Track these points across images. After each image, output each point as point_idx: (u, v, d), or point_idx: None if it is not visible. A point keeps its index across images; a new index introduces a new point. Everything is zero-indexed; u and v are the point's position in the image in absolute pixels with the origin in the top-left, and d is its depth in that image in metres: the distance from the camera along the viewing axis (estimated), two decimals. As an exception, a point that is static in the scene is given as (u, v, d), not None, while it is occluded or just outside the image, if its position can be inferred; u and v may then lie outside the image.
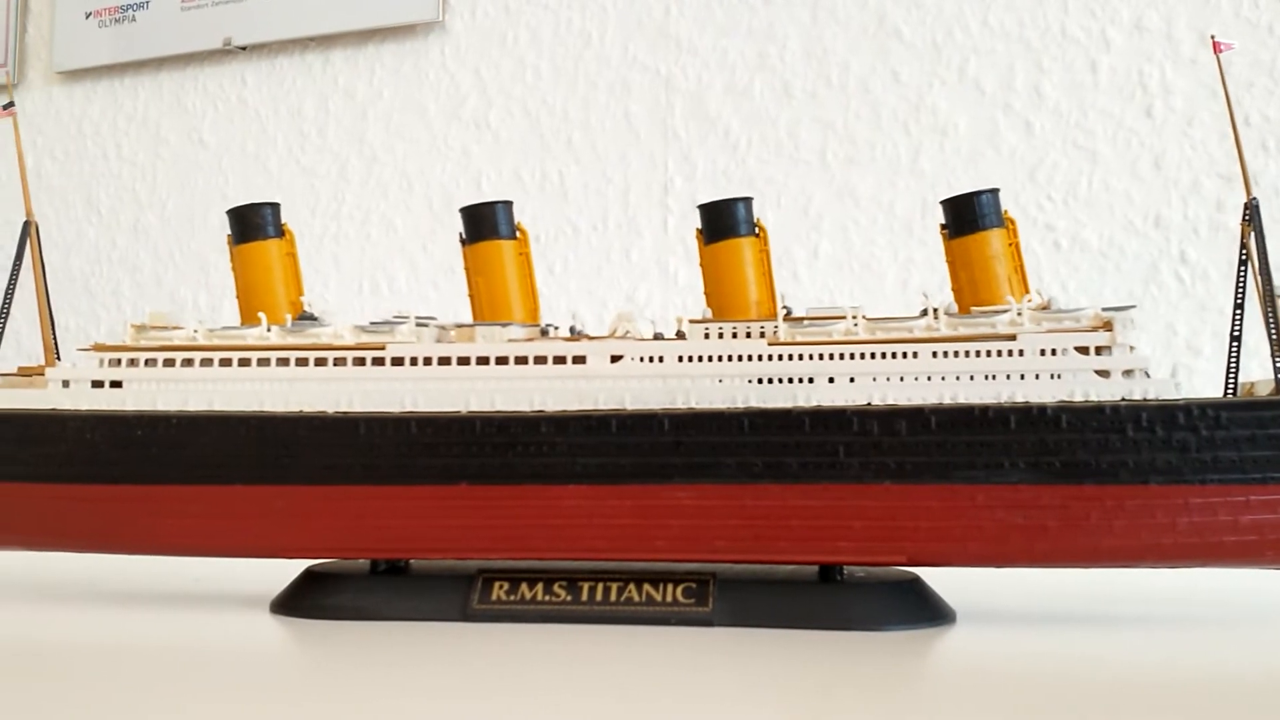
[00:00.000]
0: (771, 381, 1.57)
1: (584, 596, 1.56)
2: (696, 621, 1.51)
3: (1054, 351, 1.52)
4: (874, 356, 1.56)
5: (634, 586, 1.56)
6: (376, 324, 1.72)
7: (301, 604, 1.62)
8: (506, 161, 2.90)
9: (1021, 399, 1.50)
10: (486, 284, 1.77)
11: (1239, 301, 1.53)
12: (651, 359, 1.61)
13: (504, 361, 1.63)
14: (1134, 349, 1.52)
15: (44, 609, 1.70)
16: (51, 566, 1.86)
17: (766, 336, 1.61)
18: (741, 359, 1.58)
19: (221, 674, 1.33)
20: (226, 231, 1.83)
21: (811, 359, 1.57)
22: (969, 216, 1.64)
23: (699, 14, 2.77)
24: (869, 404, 1.53)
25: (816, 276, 2.59)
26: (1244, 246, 1.54)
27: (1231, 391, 1.51)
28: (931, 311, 1.59)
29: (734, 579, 1.56)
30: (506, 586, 1.58)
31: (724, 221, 1.72)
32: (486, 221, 1.78)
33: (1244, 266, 1.54)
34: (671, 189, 2.75)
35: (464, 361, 1.64)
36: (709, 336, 1.63)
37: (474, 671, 1.33)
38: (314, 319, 1.76)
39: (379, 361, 1.66)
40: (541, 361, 1.63)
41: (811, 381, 1.56)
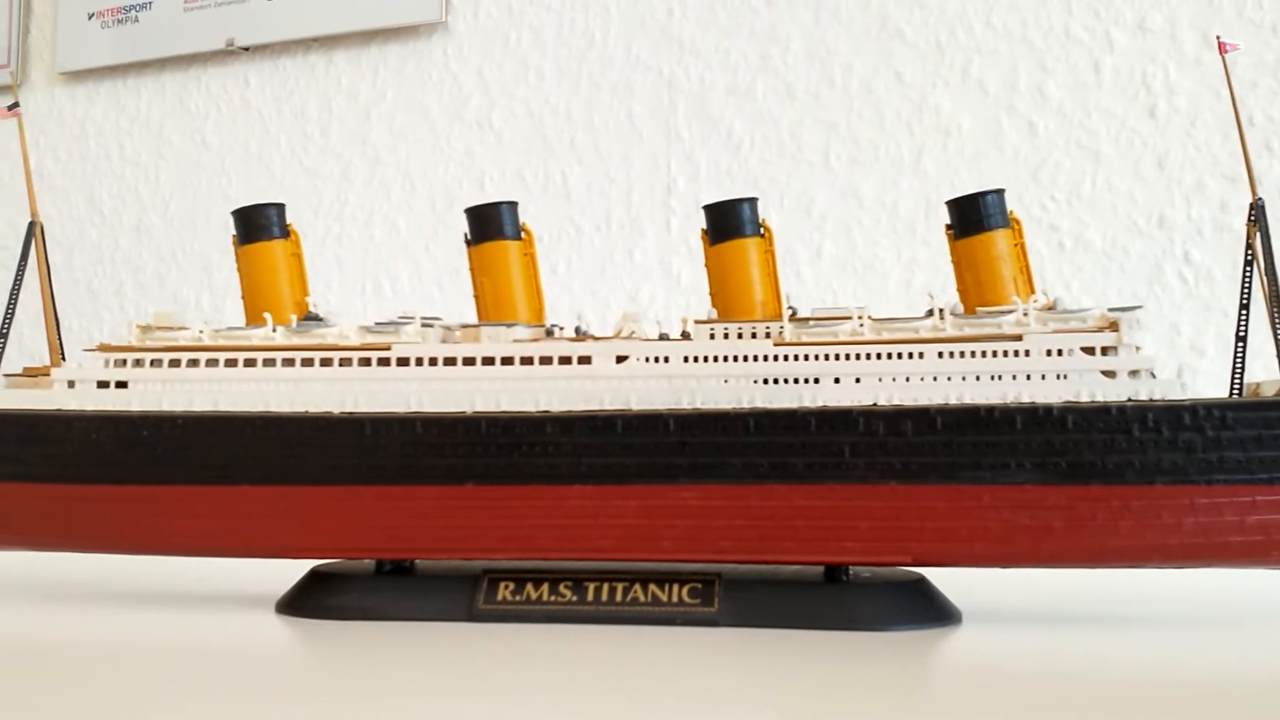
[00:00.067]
0: (777, 382, 1.57)
1: (589, 597, 1.56)
2: (702, 622, 1.51)
3: (1060, 352, 1.52)
4: (880, 357, 1.55)
5: (639, 587, 1.56)
6: (382, 324, 1.72)
7: (307, 604, 1.62)
8: (509, 162, 2.90)
9: (1027, 399, 1.50)
10: (491, 284, 1.77)
11: (1244, 302, 1.53)
12: (657, 359, 1.61)
13: (509, 362, 1.63)
14: (1140, 349, 1.52)
15: (47, 609, 1.70)
16: (55, 566, 1.86)
17: (772, 337, 1.61)
18: (747, 359, 1.58)
19: (226, 674, 1.33)
20: (231, 232, 1.83)
21: (817, 359, 1.57)
22: (974, 217, 1.64)
23: (702, 15, 2.77)
24: (875, 404, 1.53)
25: (820, 277, 2.59)
26: (1249, 247, 1.54)
27: (1237, 392, 1.51)
28: (937, 312, 1.59)
29: (739, 579, 1.56)
30: (512, 587, 1.58)
31: (729, 222, 1.71)
32: (492, 222, 1.79)
33: (1249, 267, 1.54)
34: (674, 190, 2.75)
35: (469, 362, 1.64)
36: (714, 337, 1.63)
37: (479, 672, 1.33)
38: (319, 319, 1.76)
39: (384, 362, 1.66)
40: (547, 362, 1.63)
41: (817, 382, 1.56)
